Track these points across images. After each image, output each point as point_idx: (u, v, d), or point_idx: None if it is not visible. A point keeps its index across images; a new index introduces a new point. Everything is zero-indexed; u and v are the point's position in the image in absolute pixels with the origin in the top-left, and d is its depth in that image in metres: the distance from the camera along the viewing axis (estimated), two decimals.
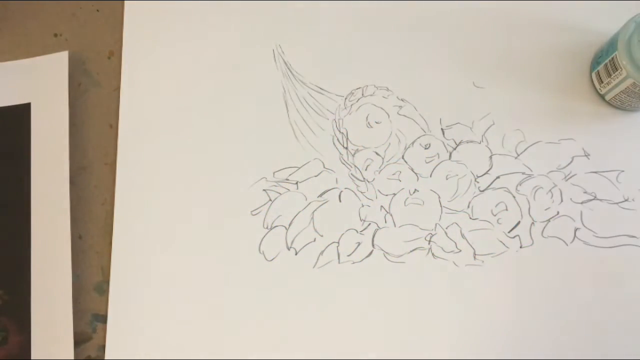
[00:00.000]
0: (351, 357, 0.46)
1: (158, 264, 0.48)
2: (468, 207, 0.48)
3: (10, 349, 0.46)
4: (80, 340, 0.47)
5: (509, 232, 0.47)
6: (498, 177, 0.48)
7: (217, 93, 0.51)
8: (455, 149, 0.49)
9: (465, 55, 0.51)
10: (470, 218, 0.48)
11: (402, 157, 0.49)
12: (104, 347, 0.46)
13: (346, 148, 0.49)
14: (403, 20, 0.52)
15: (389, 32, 0.52)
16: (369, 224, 0.48)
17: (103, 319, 0.47)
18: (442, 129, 0.50)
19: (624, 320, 0.46)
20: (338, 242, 0.48)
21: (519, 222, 0.48)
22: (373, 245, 0.47)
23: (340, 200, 0.48)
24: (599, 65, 0.48)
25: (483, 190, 0.48)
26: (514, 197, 0.48)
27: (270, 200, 0.49)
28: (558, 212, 0.48)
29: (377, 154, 0.49)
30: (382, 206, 0.48)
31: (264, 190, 0.49)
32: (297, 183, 0.49)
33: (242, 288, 0.47)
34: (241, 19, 0.53)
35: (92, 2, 0.54)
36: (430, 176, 0.49)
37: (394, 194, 0.48)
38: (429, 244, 0.47)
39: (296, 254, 0.47)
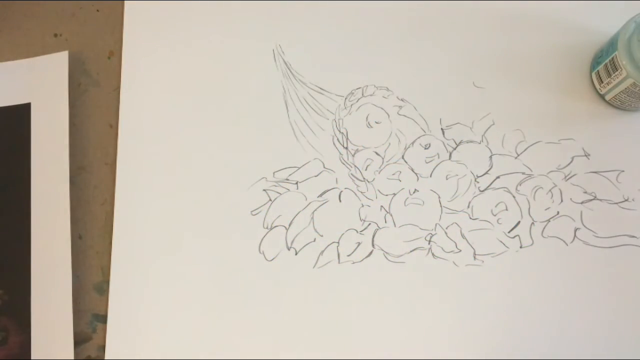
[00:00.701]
0: (351, 357, 0.46)
1: (158, 264, 0.48)
2: (468, 207, 0.48)
3: (10, 349, 0.46)
4: (80, 340, 0.47)
5: (509, 232, 0.47)
6: (498, 177, 0.48)
7: (217, 93, 0.51)
8: (455, 149, 0.49)
9: (465, 55, 0.51)
10: (470, 218, 0.48)
11: (402, 157, 0.49)
12: (104, 347, 0.46)
13: (346, 148, 0.49)
14: (403, 20, 0.52)
15: (389, 32, 0.52)
16: (369, 224, 0.48)
17: (103, 319, 0.47)
18: (442, 129, 0.50)
19: (624, 320, 0.46)
20: (338, 242, 0.48)
21: (519, 222, 0.48)
22: (373, 245, 0.47)
23: (340, 200, 0.48)
24: (599, 65, 0.48)
25: (483, 190, 0.48)
26: (514, 197, 0.48)
27: (270, 200, 0.49)
28: (558, 212, 0.48)
29: (377, 154, 0.49)
30: (382, 206, 0.48)
31: (264, 190, 0.49)
32: (297, 183, 0.49)
33: (242, 288, 0.47)
34: (241, 19, 0.53)
35: (92, 2, 0.54)
36: (430, 176, 0.49)
37: (394, 194, 0.48)
38: (429, 244, 0.47)
39: (296, 254, 0.47)
